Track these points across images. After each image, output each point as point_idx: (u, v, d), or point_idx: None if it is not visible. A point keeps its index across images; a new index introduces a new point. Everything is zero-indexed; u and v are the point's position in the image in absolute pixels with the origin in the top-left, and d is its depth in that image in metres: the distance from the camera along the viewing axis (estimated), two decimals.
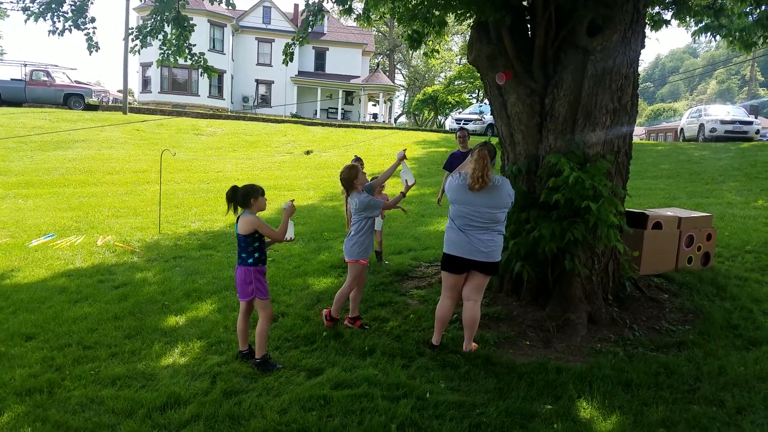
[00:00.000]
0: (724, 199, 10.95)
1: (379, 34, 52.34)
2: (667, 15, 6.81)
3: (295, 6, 39.96)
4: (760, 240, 7.64)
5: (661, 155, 17.37)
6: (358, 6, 8.11)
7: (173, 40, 6.92)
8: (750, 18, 6.66)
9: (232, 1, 6.79)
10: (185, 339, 4.64)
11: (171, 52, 6.98)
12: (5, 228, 9.11)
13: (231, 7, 6.93)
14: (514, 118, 5.40)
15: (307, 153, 19.50)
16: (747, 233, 8.03)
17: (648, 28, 6.28)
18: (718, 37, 7.00)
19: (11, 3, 6.25)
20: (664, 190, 12.21)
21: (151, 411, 3.45)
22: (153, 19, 6.72)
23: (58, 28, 6.41)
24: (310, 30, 6.70)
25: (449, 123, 30.19)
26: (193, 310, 5.40)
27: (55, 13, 6.30)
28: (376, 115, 42.53)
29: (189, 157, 17.36)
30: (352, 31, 41.20)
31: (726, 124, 20.67)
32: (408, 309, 5.34)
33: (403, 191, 4.91)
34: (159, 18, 6.69)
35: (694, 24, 6.95)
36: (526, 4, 5.46)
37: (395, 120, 51.91)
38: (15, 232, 8.82)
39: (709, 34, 6.90)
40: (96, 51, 6.71)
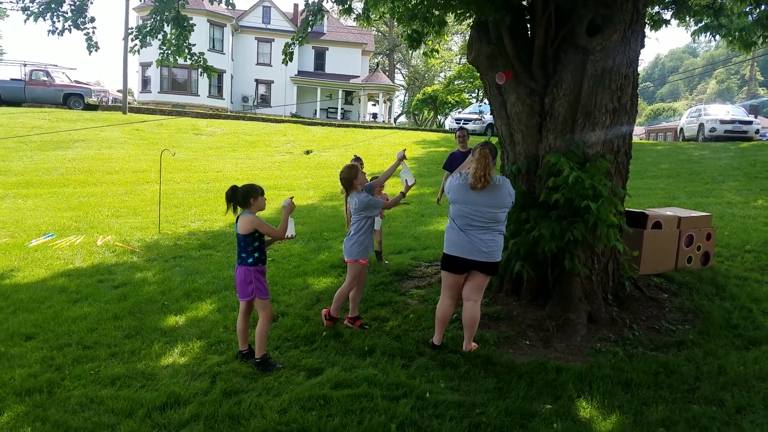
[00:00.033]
0: (723, 198, 10.95)
1: (379, 34, 52.33)
2: (666, 15, 6.82)
3: (295, 6, 39.98)
4: (760, 239, 7.64)
5: (660, 155, 17.38)
6: (358, 6, 8.10)
7: (173, 39, 6.92)
8: (749, 18, 6.66)
9: (231, 1, 6.79)
10: (185, 339, 4.64)
11: (171, 51, 6.99)
12: (5, 228, 9.11)
13: (231, 7, 6.93)
14: (513, 118, 5.40)
15: (307, 153, 19.50)
16: (746, 233, 8.03)
17: (648, 28, 6.28)
18: (718, 37, 7.00)
19: (11, 3, 6.25)
20: (664, 189, 12.21)
21: (151, 411, 3.45)
22: (153, 19, 6.72)
23: (57, 28, 6.41)
24: (309, 30, 6.70)
25: (449, 123, 30.15)
26: (193, 309, 5.40)
27: (55, 12, 6.30)
28: (375, 115, 42.52)
29: (189, 157, 17.36)
30: (351, 30, 41.20)
31: (725, 123, 20.69)
32: (408, 309, 5.34)
33: (403, 191, 4.90)
34: (159, 18, 6.69)
35: (694, 24, 6.96)
36: (525, 4, 5.45)
37: (395, 120, 51.92)
38: (15, 232, 8.82)
39: (708, 33, 6.91)
40: (96, 51, 6.72)
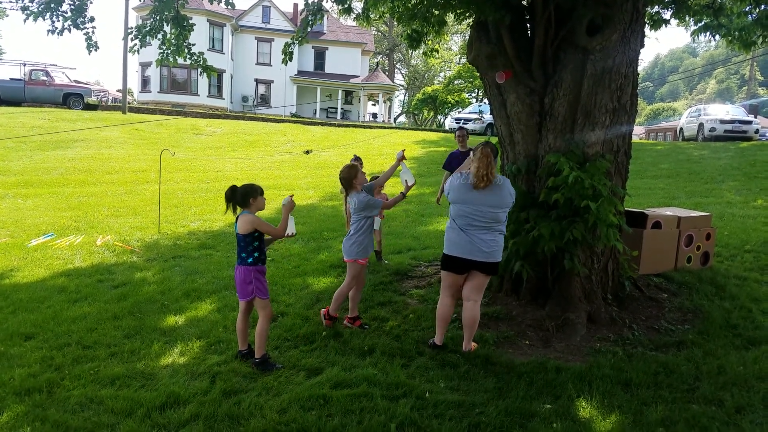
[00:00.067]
0: (723, 198, 10.95)
1: (379, 34, 52.32)
2: (666, 14, 6.82)
3: (295, 5, 39.99)
4: (759, 239, 7.64)
5: (660, 155, 17.37)
6: (358, 5, 8.10)
7: (172, 39, 6.92)
8: (749, 17, 6.66)
9: (231, 1, 6.79)
10: (184, 339, 4.64)
11: (170, 51, 6.98)
12: (4, 228, 9.10)
13: (230, 7, 6.93)
14: (513, 118, 5.40)
15: (307, 153, 19.49)
16: (746, 233, 8.03)
17: (647, 28, 6.28)
18: (718, 37, 7.01)
19: (10, 2, 6.25)
20: (664, 189, 12.20)
21: (151, 410, 3.45)
22: (152, 19, 6.72)
23: (57, 28, 6.41)
24: (309, 29, 6.70)
25: (449, 122, 30.16)
26: (193, 309, 5.40)
27: (54, 12, 6.29)
28: (375, 115, 42.51)
29: (188, 157, 17.35)
30: (351, 30, 41.19)
31: (725, 123, 20.69)
32: (407, 308, 5.34)
33: (403, 192, 4.90)
34: (158, 17, 6.69)
35: (694, 23, 6.96)
36: (525, 4, 5.45)
37: (395, 119, 51.93)
38: (14, 232, 8.81)
39: (708, 33, 6.91)
40: (95, 50, 6.71)
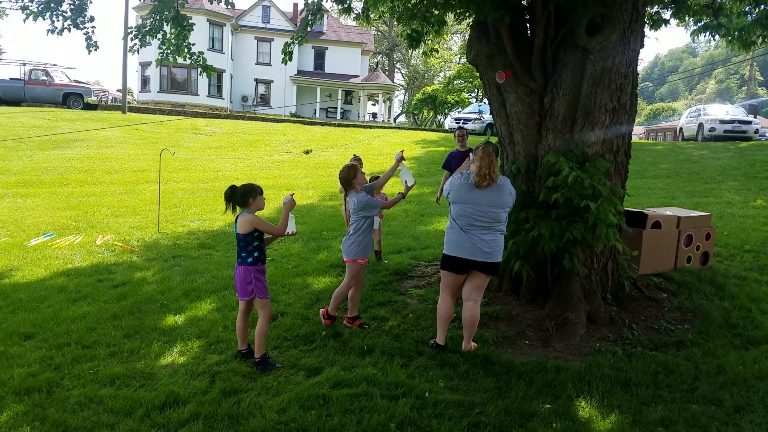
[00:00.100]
0: (723, 198, 10.95)
1: (379, 34, 52.32)
2: (666, 14, 6.83)
3: (295, 5, 39.98)
4: (759, 239, 7.65)
5: (660, 155, 17.38)
6: (358, 5, 8.09)
7: (172, 39, 6.92)
8: (749, 17, 6.67)
9: (231, 1, 6.78)
10: (184, 338, 4.64)
11: (170, 51, 6.99)
12: (4, 227, 9.10)
13: (230, 7, 6.92)
14: (513, 118, 5.40)
15: (307, 152, 19.49)
16: (746, 232, 8.04)
17: (647, 28, 6.29)
18: (717, 37, 7.02)
19: (10, 2, 6.25)
20: (663, 189, 12.21)
21: (150, 410, 3.45)
22: (152, 19, 6.72)
23: (57, 28, 6.41)
24: (309, 29, 6.70)
25: (448, 122, 30.15)
26: (192, 309, 5.40)
27: (54, 12, 6.30)
28: (375, 115, 42.51)
29: (188, 157, 17.35)
30: (351, 30, 41.19)
31: (725, 123, 20.70)
32: (407, 308, 5.34)
33: (403, 192, 4.90)
34: (158, 17, 6.69)
35: (693, 23, 6.97)
36: (525, 4, 5.46)
37: (394, 119, 51.91)
38: (14, 232, 8.81)
39: (708, 33, 6.92)
40: (95, 50, 6.72)
